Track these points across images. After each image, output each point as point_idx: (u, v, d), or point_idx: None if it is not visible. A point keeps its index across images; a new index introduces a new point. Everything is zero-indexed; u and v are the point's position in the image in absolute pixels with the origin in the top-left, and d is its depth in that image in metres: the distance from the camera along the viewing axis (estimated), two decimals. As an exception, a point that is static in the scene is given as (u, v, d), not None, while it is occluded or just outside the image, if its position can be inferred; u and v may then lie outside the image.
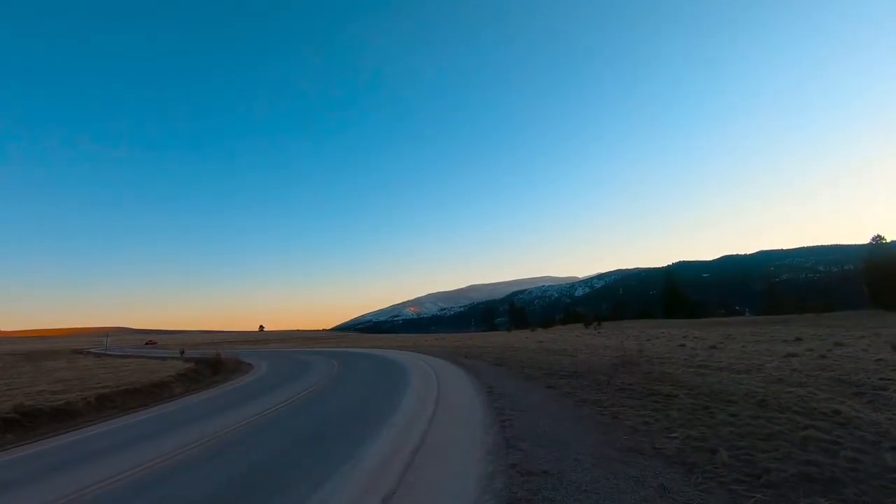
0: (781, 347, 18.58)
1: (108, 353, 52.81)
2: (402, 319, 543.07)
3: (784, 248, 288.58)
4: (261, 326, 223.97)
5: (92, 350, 62.64)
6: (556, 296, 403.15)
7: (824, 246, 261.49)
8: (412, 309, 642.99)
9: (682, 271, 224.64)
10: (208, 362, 24.35)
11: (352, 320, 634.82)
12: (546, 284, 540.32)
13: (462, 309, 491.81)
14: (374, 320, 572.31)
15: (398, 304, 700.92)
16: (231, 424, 8.27)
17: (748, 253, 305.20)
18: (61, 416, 11.46)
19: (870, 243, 61.84)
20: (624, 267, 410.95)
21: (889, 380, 9.43)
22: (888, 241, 60.61)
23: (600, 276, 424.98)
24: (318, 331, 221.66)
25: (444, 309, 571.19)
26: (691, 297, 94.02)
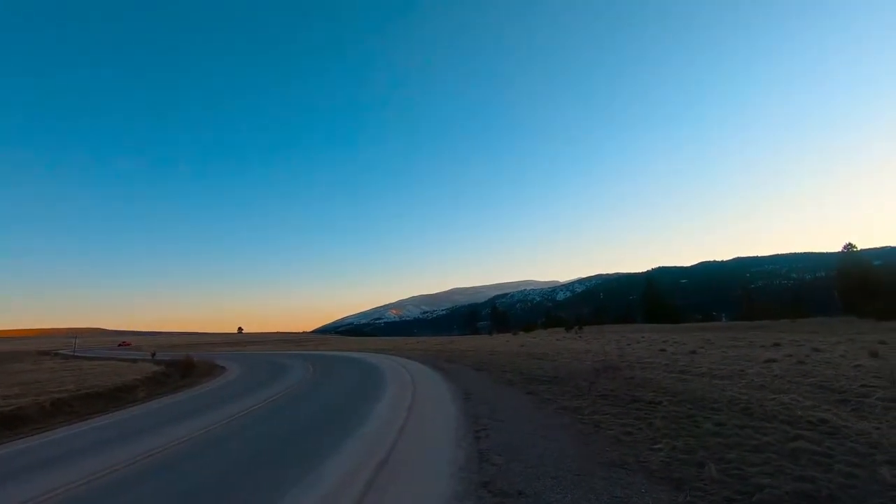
0: (760, 353, 18.59)
1: (76, 354, 50.79)
2: (385, 322, 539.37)
3: (760, 255, 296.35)
4: (239, 328, 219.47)
5: (61, 351, 60.20)
6: (538, 300, 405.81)
7: (798, 253, 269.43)
8: (394, 312, 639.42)
9: (662, 277, 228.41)
10: (179, 365, 23.40)
11: (333, 322, 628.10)
12: (528, 288, 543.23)
13: (445, 312, 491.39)
14: (355, 323, 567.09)
15: (380, 307, 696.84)
16: (183, 436, 7.65)
17: (725, 259, 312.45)
18: (13, 423, 10.63)
19: (841, 251, 63.40)
20: (605, 272, 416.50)
21: (871, 387, 9.29)
22: (858, 249, 62.18)
23: (581, 281, 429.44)
24: (299, 333, 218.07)
25: (427, 312, 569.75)
26: (670, 303, 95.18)
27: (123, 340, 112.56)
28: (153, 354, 34.94)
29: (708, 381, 11.04)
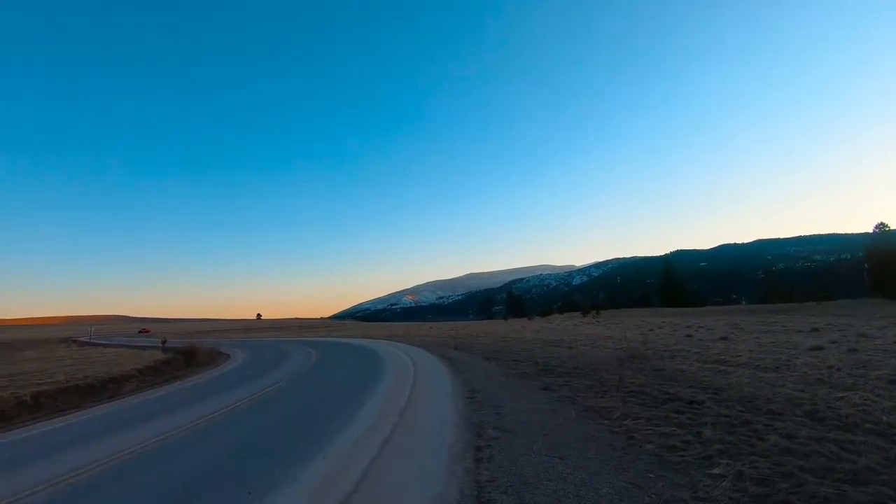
0: (800, 339, 16.98)
1: (92, 342, 51.31)
2: (401, 308, 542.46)
3: (781, 237, 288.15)
4: (258, 315, 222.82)
5: (80, 339, 61.21)
6: (554, 284, 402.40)
7: (821, 235, 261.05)
8: (410, 297, 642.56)
9: (680, 260, 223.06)
10: (183, 353, 22.86)
11: (350, 308, 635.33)
12: (544, 273, 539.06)
13: (460, 297, 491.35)
14: (372, 308, 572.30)
15: (396, 293, 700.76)
16: (151, 437, 6.66)
17: (745, 242, 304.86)
18: (-16, 419, 9.86)
19: (873, 231, 60.02)
20: (621, 256, 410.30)
21: (956, 381, 7.80)
22: (892, 228, 58.82)
23: (598, 265, 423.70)
24: (316, 319, 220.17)
25: (442, 297, 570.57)
26: (689, 286, 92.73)
27: (143, 328, 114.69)
28: (164, 342, 34.61)
29: (751, 373, 9.61)
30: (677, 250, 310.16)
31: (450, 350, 19.19)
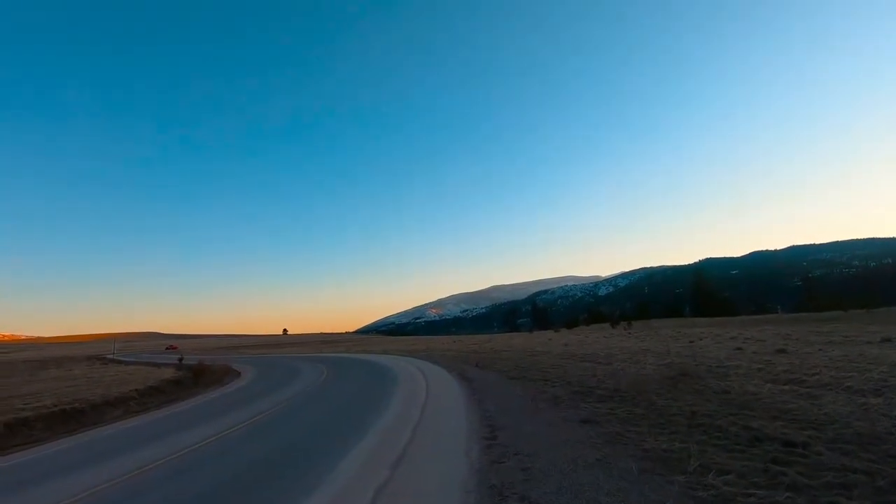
0: (875, 351, 14.64)
1: (115, 359, 51.60)
2: (425, 321, 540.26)
3: (816, 242, 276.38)
4: (284, 330, 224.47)
5: (107, 355, 62.10)
6: (580, 295, 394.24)
7: (860, 240, 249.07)
8: (434, 311, 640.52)
9: (710, 268, 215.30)
10: (198, 370, 21.97)
11: (375, 322, 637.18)
12: (568, 284, 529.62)
13: (484, 310, 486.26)
14: (397, 322, 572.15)
15: (421, 306, 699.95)
16: (114, 476, 5.26)
17: (779, 248, 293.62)
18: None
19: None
20: (649, 265, 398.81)
21: None
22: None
23: (624, 275, 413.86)
24: (341, 333, 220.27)
25: (467, 310, 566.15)
26: (721, 295, 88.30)
27: (171, 344, 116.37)
28: (180, 359, 34.01)
29: (846, 398, 7.64)
30: (707, 258, 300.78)
31: (470, 368, 17.42)
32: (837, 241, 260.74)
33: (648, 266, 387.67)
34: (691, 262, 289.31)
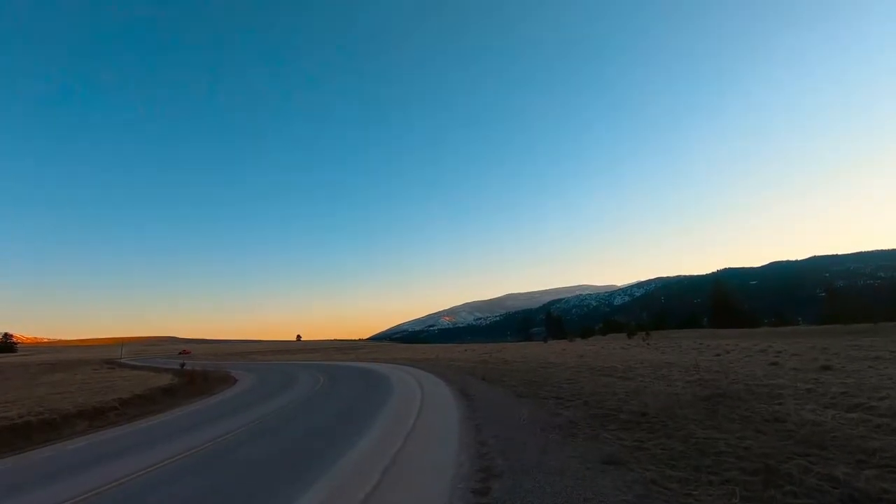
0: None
1: (122, 363, 51.37)
2: (438, 329, 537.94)
3: (838, 252, 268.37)
4: (298, 336, 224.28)
5: (121, 360, 62.44)
6: (595, 304, 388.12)
7: (883, 250, 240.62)
8: (447, 318, 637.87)
9: (729, 279, 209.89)
10: (191, 377, 21.07)
11: (389, 329, 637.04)
12: (583, 293, 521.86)
13: (498, 318, 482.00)
14: (410, 330, 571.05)
15: (434, 314, 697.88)
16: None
17: (799, 259, 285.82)
18: None
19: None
20: (664, 275, 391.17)
21: None
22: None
23: (640, 285, 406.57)
24: (354, 340, 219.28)
25: (480, 318, 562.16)
26: (741, 306, 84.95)
27: (184, 349, 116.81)
28: (182, 365, 33.30)
29: (941, 433, 6.05)
30: (726, 268, 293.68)
31: (475, 382, 15.91)
32: (861, 252, 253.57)
33: (664, 276, 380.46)
34: (708, 272, 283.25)
